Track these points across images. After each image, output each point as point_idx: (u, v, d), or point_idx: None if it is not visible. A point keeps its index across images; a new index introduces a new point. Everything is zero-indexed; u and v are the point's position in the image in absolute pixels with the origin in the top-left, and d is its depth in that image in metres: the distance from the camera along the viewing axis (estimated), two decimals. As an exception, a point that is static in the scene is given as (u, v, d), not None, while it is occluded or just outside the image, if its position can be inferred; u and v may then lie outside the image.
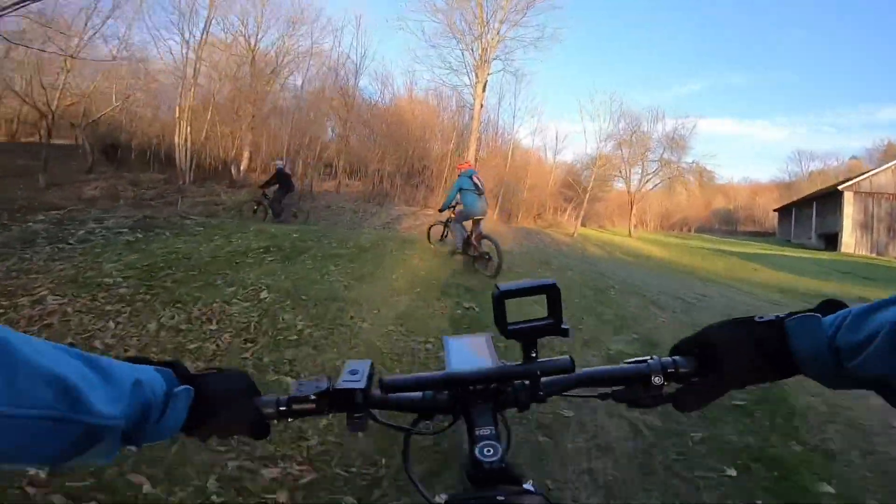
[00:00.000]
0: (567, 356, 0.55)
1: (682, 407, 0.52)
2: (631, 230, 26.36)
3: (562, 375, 0.55)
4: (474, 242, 5.98)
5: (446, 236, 7.07)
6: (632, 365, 0.55)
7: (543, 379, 0.55)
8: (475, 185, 6.01)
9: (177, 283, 4.08)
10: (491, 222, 17.47)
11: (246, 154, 17.07)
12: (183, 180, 15.26)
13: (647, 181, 26.01)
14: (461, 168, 6.41)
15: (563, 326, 0.52)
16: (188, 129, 14.35)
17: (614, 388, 0.55)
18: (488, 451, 0.48)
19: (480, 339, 0.75)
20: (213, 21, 14.56)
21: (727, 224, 52.16)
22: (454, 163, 21.24)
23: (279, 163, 10.16)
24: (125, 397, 0.39)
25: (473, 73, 18.02)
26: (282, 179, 9.57)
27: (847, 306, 0.45)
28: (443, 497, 0.49)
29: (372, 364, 0.55)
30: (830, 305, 0.47)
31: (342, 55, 18.37)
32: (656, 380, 0.52)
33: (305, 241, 6.55)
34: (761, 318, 0.49)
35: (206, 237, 6.42)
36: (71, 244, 5.39)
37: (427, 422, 0.58)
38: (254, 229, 7.25)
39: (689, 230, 44.42)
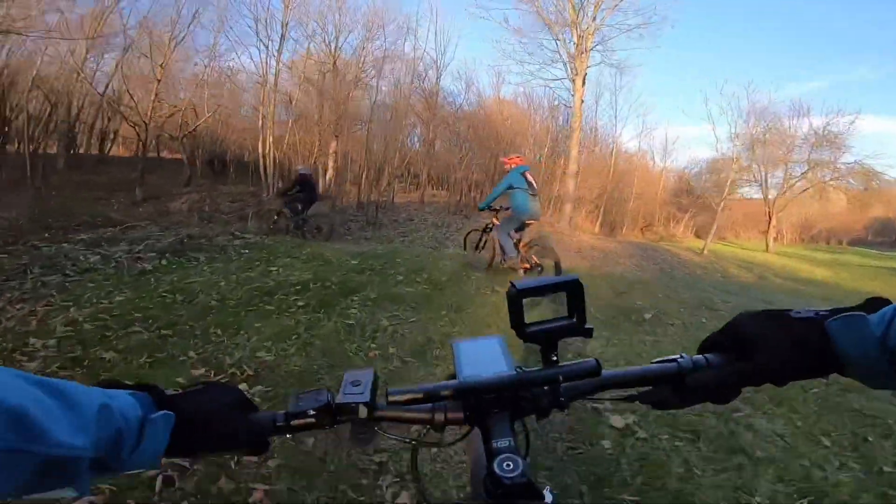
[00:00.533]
0: (592, 359, 0.51)
1: (721, 400, 0.48)
2: (769, 244, 21.82)
3: (585, 380, 0.51)
4: (522, 251, 5.09)
5: (483, 245, 5.74)
6: (661, 364, 0.50)
7: (565, 383, 0.51)
8: (528, 183, 5.04)
9: (119, 355, 2.48)
10: (591, 235, 14.86)
11: (330, 163, 16.28)
12: (267, 192, 14.78)
13: (791, 185, 21.32)
14: (511, 162, 5.30)
15: (586, 326, 0.49)
16: (270, 138, 13.75)
17: (640, 390, 0.52)
18: (507, 465, 0.43)
19: (493, 341, 0.61)
20: (293, 27, 13.87)
21: (884, 234, 43.41)
22: (549, 169, 18.96)
23: (302, 168, 8.90)
24: (91, 425, 0.36)
25: (569, 65, 15.55)
26: (304, 187, 8.48)
27: (891, 303, 0.43)
28: None
29: (375, 373, 0.51)
30: (875, 303, 0.44)
31: (422, 53, 16.97)
32: (689, 380, 0.49)
33: (363, 272, 4.84)
34: (798, 313, 0.46)
35: (243, 265, 4.99)
36: (67, 275, 4.18)
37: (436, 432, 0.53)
38: (307, 253, 5.74)
39: (840, 242, 37.22)
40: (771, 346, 0.45)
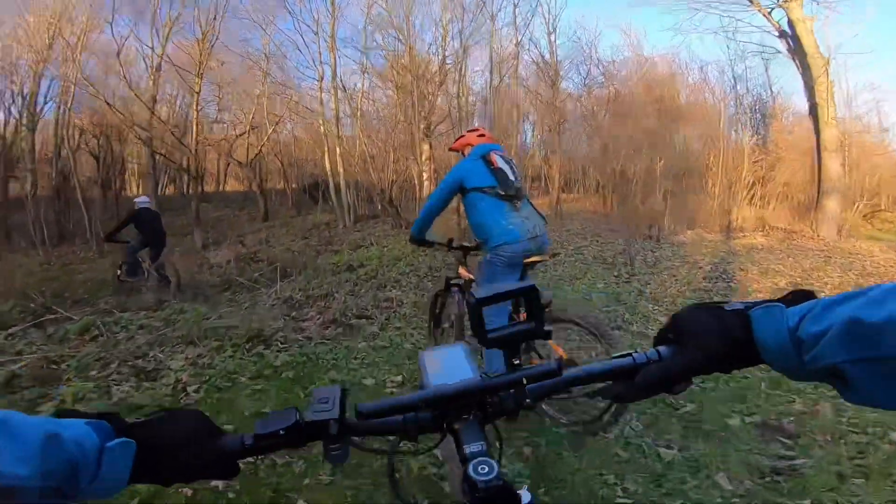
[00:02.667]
0: (554, 361, 0.52)
1: (673, 390, 0.51)
2: None
3: (548, 380, 0.52)
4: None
5: (441, 320, 2.89)
6: (618, 360, 0.52)
7: (529, 385, 0.52)
8: (499, 174, 2.22)
9: None
10: (873, 244, 8.43)
11: (425, 176, 12.21)
12: (343, 222, 11.21)
13: None
14: (468, 142, 2.43)
15: (545, 328, 0.52)
16: (338, 150, 10.12)
17: (600, 386, 0.55)
18: (482, 468, 0.44)
19: (457, 349, 0.62)
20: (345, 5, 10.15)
21: None
22: (728, 160, 12.68)
23: (140, 199, 6.82)
24: (35, 455, 0.36)
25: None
26: (140, 224, 6.42)
27: (816, 297, 0.45)
28: None
29: (343, 390, 0.51)
30: (798, 296, 0.46)
31: (526, 18, 12.16)
32: (640, 376, 0.52)
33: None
34: (731, 305, 0.48)
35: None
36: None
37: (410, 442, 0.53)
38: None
39: None
40: (704, 338, 0.47)
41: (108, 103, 8.70)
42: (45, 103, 12.57)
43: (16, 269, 8.09)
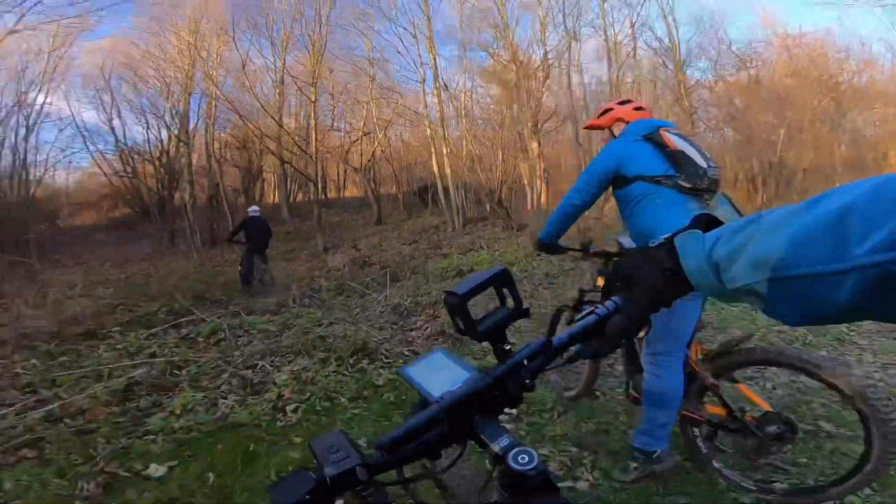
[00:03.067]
0: (541, 337, 0.52)
1: (638, 333, 0.52)
2: None
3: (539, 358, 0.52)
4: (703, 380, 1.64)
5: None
6: (587, 319, 0.53)
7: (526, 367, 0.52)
8: (679, 158, 1.60)
9: None
10: None
11: (538, 173, 11.57)
12: (452, 225, 11.05)
13: None
14: (619, 116, 1.81)
15: (524, 307, 0.52)
16: (445, 150, 9.96)
17: (577, 347, 0.54)
18: (523, 458, 0.44)
19: (437, 355, 0.61)
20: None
21: None
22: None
23: (252, 209, 7.30)
24: None
25: None
26: (250, 231, 6.88)
27: (721, 222, 0.47)
28: None
29: (343, 432, 0.49)
30: (702, 222, 0.48)
31: None
32: (607, 328, 0.53)
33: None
34: (653, 241, 0.50)
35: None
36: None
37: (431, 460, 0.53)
38: None
39: None
40: (643, 277, 0.49)
41: (241, 116, 9.55)
42: (197, 120, 14.46)
43: (172, 272, 9.23)
